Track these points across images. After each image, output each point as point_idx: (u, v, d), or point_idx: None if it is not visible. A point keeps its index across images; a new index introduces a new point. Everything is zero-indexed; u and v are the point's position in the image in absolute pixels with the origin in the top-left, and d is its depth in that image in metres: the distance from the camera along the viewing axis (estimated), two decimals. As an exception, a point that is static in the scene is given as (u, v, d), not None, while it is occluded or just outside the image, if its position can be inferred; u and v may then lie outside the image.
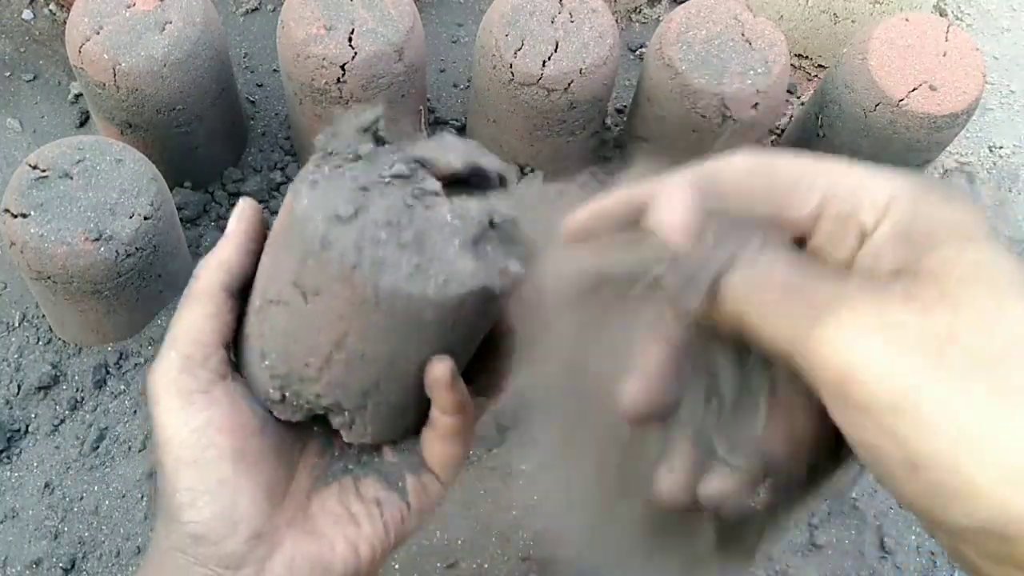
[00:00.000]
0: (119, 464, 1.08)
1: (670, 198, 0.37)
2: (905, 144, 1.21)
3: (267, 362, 0.49)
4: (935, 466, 0.29)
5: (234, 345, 0.52)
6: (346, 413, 0.50)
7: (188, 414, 0.48)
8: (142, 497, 1.05)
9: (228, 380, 0.50)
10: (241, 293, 0.51)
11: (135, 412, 1.11)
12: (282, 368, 0.49)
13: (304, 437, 0.55)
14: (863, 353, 0.30)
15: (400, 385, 0.49)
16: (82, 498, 1.06)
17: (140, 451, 1.08)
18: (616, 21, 1.24)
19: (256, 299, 0.50)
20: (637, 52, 1.50)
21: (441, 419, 0.51)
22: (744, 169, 0.38)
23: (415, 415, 0.52)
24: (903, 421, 0.29)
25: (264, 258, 0.50)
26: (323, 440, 0.55)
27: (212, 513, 0.47)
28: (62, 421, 1.11)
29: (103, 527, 1.05)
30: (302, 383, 0.49)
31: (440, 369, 0.48)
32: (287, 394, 0.50)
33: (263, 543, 0.48)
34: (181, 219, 1.17)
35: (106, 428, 1.10)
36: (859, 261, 0.34)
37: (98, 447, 1.09)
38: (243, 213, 0.52)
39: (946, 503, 0.29)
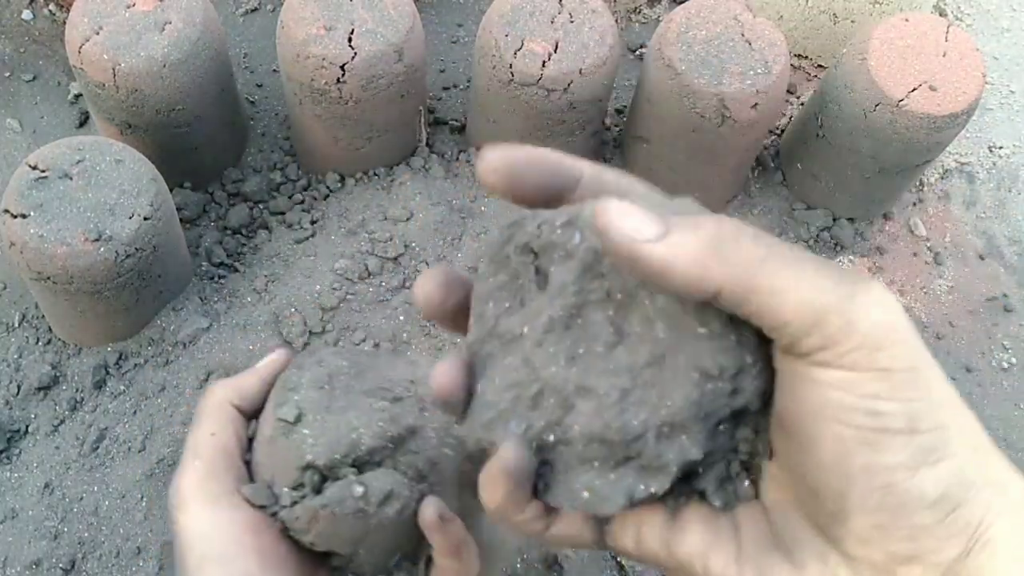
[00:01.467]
0: (119, 464, 1.08)
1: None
2: (905, 144, 1.21)
3: (274, 490, 0.52)
4: (932, 429, 0.34)
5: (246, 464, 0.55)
6: (340, 556, 0.53)
7: (214, 514, 0.49)
8: (141, 498, 1.05)
9: None
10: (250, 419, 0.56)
11: (135, 412, 1.11)
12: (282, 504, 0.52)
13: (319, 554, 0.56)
14: (896, 323, 0.34)
15: (389, 532, 0.52)
16: (82, 498, 1.06)
17: (140, 451, 1.08)
18: (616, 21, 1.24)
19: (265, 429, 0.53)
20: (637, 52, 1.50)
21: (440, 560, 0.53)
22: None
23: (410, 543, 0.55)
24: (916, 386, 0.34)
25: (268, 403, 0.55)
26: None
27: None
28: (62, 421, 1.11)
29: (103, 527, 1.05)
30: (297, 529, 0.51)
31: (430, 512, 0.50)
32: (289, 530, 0.52)
33: None
34: (181, 219, 1.17)
35: (106, 428, 1.10)
36: None
37: (98, 447, 1.09)
38: (276, 361, 0.57)
39: (923, 470, 0.34)
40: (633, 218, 0.35)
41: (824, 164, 1.32)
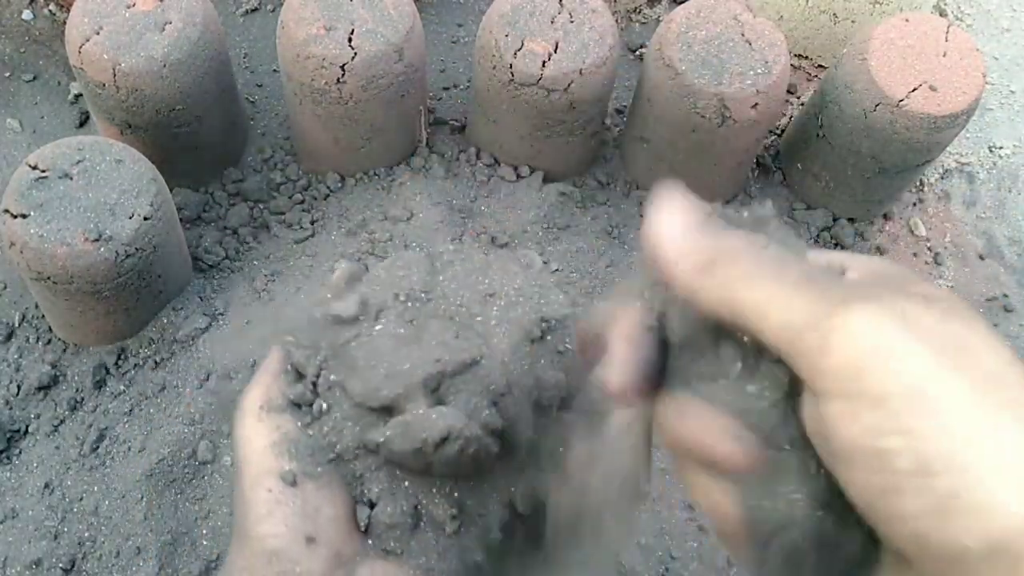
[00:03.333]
0: (119, 464, 1.08)
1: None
2: (905, 144, 1.21)
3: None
4: (949, 469, 0.28)
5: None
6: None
7: (270, 430, 0.47)
8: (141, 498, 1.05)
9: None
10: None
11: (135, 412, 1.11)
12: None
13: None
14: (885, 340, 0.30)
15: (453, 469, 0.49)
16: (81, 498, 1.06)
17: (140, 451, 1.08)
18: (616, 21, 1.24)
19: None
20: (637, 52, 1.50)
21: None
22: None
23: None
24: (919, 414, 0.29)
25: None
26: None
27: (289, 526, 0.43)
28: (62, 421, 1.11)
29: (103, 527, 1.05)
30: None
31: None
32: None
33: (342, 567, 0.45)
34: (181, 219, 1.17)
35: (106, 428, 1.10)
36: None
37: (98, 447, 1.09)
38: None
39: (955, 518, 0.28)
40: (670, 214, 0.36)
41: (824, 164, 1.32)
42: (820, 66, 1.50)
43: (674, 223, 0.36)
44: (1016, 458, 0.28)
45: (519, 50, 1.15)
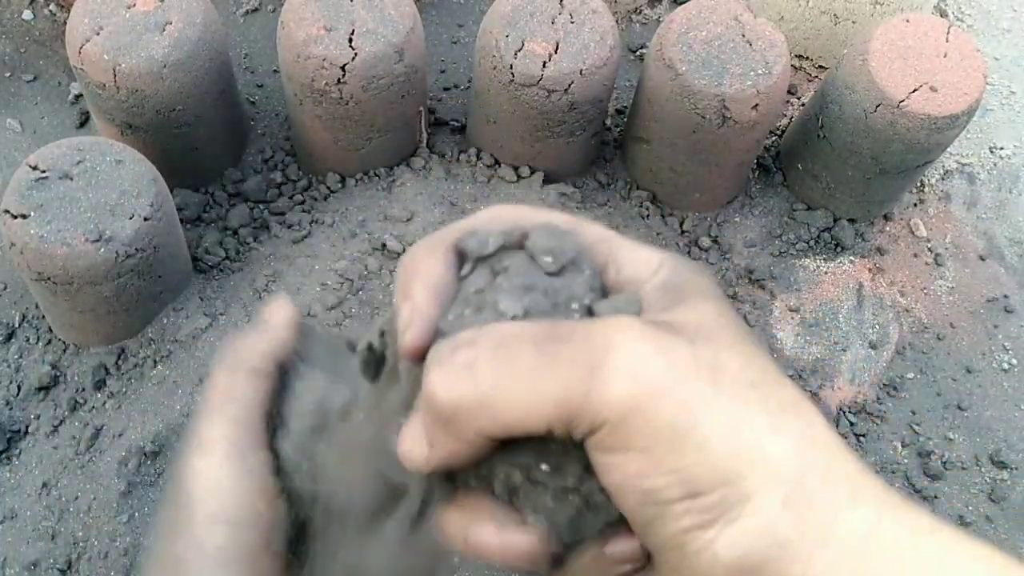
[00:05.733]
0: (119, 464, 1.08)
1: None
2: (905, 145, 1.21)
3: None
4: (712, 489, 0.31)
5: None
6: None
7: (239, 471, 0.44)
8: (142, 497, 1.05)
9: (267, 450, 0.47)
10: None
11: (135, 412, 1.11)
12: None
13: None
14: (648, 376, 0.31)
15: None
16: (77, 498, 1.06)
17: (140, 451, 1.08)
18: (616, 22, 1.24)
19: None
20: (637, 53, 1.50)
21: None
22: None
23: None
24: (685, 445, 0.31)
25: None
26: None
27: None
28: (62, 422, 1.11)
29: (103, 527, 1.05)
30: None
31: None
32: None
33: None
34: (181, 219, 1.17)
35: (106, 428, 1.10)
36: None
37: (97, 447, 1.09)
38: (277, 311, 0.51)
39: (716, 531, 0.31)
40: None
41: (825, 165, 1.32)
42: (821, 67, 1.50)
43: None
44: (776, 466, 0.31)
45: (519, 51, 1.15)
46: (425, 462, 0.36)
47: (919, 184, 1.44)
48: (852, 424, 1.25)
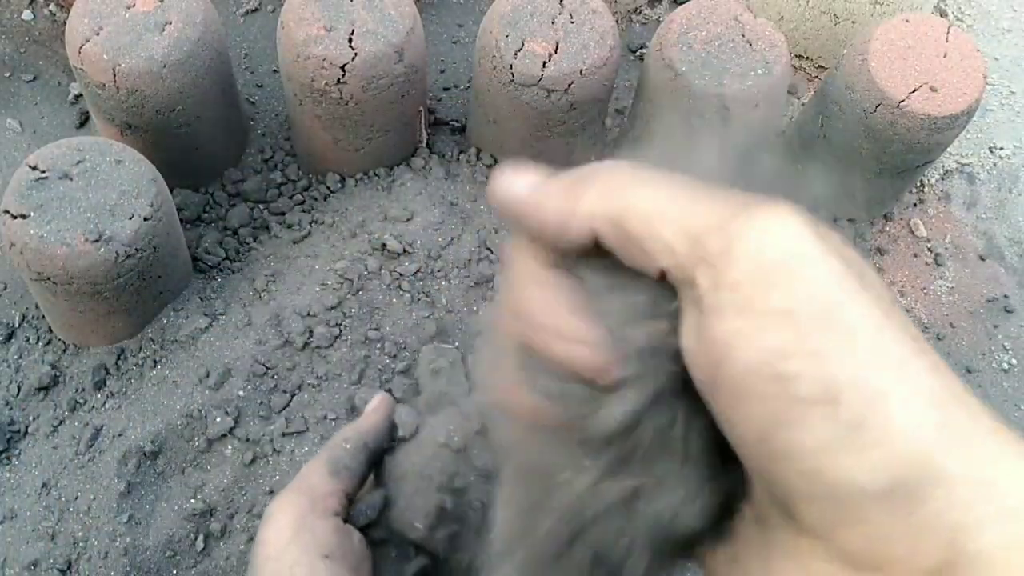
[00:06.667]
0: (118, 464, 1.08)
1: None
2: (905, 145, 1.21)
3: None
4: (856, 396, 0.25)
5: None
6: None
7: (297, 532, 0.50)
8: (142, 496, 1.05)
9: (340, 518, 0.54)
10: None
11: (135, 412, 1.11)
12: None
13: None
14: (798, 249, 0.26)
15: None
16: (77, 498, 1.06)
17: (139, 451, 1.08)
18: (616, 22, 1.24)
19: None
20: (637, 53, 1.50)
21: None
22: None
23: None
24: (829, 334, 0.26)
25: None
26: None
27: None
28: (62, 422, 1.11)
29: (102, 527, 1.05)
30: None
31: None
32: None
33: None
34: (181, 220, 1.17)
35: (106, 429, 1.10)
36: None
37: (97, 447, 1.09)
38: (381, 404, 0.59)
39: (856, 452, 0.25)
40: (513, 175, 0.33)
41: (825, 165, 1.32)
42: (821, 67, 1.50)
43: (527, 177, 0.33)
44: (925, 388, 0.25)
45: (519, 51, 1.15)
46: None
47: (919, 184, 1.44)
48: (852, 424, 1.25)
